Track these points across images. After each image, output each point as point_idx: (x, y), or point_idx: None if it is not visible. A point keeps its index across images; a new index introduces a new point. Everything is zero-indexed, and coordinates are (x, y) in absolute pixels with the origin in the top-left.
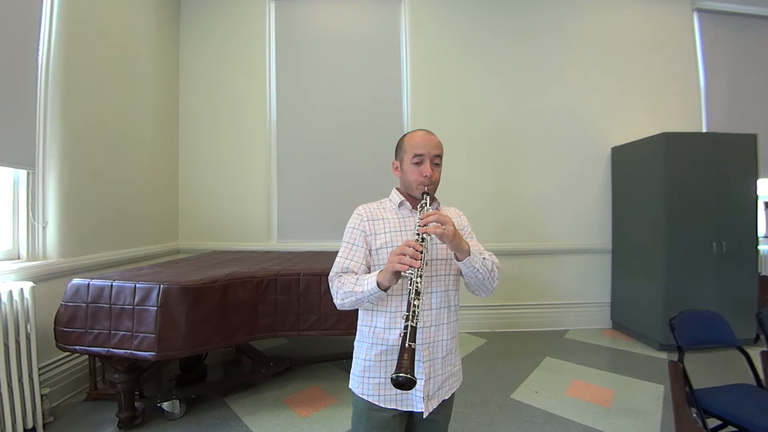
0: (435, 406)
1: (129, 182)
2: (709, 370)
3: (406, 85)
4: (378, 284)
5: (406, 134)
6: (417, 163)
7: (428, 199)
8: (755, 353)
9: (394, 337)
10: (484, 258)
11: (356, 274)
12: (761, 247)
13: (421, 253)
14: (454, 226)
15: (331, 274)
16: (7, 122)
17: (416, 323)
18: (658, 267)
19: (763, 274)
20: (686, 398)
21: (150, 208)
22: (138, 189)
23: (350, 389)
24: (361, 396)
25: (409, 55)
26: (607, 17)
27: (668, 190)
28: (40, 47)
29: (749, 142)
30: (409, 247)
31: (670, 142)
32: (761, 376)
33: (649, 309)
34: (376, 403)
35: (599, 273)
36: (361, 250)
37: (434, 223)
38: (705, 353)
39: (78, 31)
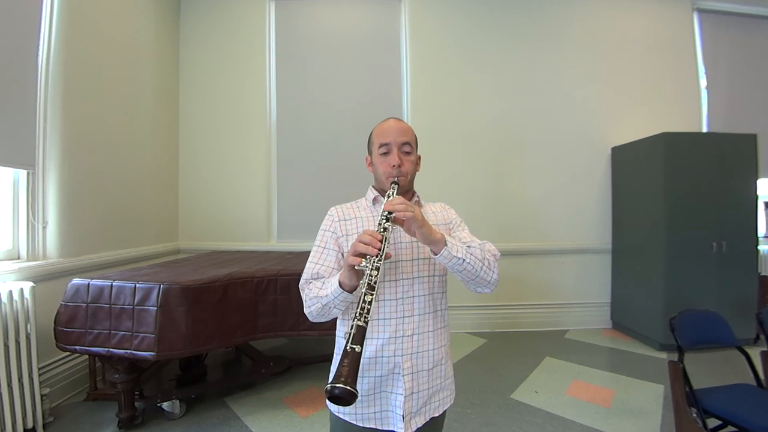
0: (420, 425)
1: (129, 182)
2: (709, 370)
3: (406, 85)
4: (340, 284)
5: (375, 126)
6: (384, 153)
7: (396, 189)
8: (755, 353)
9: (373, 348)
10: (468, 246)
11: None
12: (761, 247)
13: (381, 242)
14: (420, 212)
15: (301, 281)
16: (7, 122)
17: (365, 322)
18: (658, 267)
19: (763, 274)
20: (686, 398)
21: (150, 208)
22: (138, 189)
23: (327, 407)
24: (337, 414)
25: (408, 55)
26: (606, 17)
27: (668, 190)
28: (40, 47)
29: (749, 142)
30: (367, 235)
31: (670, 142)
32: (761, 376)
33: (649, 309)
34: (353, 422)
35: (599, 273)
36: (333, 253)
37: (400, 206)
38: (705, 353)
39: (78, 31)
